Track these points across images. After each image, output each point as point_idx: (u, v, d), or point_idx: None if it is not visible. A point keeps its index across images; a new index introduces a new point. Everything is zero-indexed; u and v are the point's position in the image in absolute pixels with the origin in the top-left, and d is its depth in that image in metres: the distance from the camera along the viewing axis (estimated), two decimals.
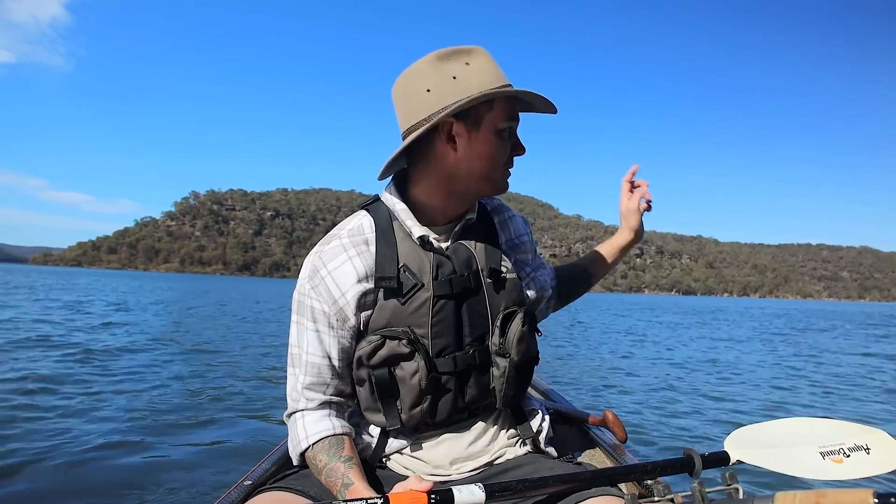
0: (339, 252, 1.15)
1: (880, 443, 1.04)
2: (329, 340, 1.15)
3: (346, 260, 1.14)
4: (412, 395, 1.13)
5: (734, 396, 7.01)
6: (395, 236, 1.17)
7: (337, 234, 1.20)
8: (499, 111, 1.12)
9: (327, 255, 1.16)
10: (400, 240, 1.16)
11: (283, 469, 1.28)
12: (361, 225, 1.20)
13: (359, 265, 1.14)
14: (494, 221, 1.30)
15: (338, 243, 1.17)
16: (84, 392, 5.36)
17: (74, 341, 8.98)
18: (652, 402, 6.37)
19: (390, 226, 1.18)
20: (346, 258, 1.15)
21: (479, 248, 1.19)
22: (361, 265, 1.14)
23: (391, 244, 1.15)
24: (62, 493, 2.96)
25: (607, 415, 1.79)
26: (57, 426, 4.14)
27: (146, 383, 6.01)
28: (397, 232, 1.17)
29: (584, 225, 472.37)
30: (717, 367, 9.95)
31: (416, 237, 1.16)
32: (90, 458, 3.47)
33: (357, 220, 1.21)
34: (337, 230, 1.21)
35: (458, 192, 1.18)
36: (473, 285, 1.16)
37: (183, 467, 3.40)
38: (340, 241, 1.17)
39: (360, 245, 1.16)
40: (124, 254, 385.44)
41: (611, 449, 1.63)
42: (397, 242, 1.16)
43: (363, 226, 1.19)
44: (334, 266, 1.14)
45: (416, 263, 1.14)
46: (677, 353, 12.37)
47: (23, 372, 6.04)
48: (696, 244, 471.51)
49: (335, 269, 1.14)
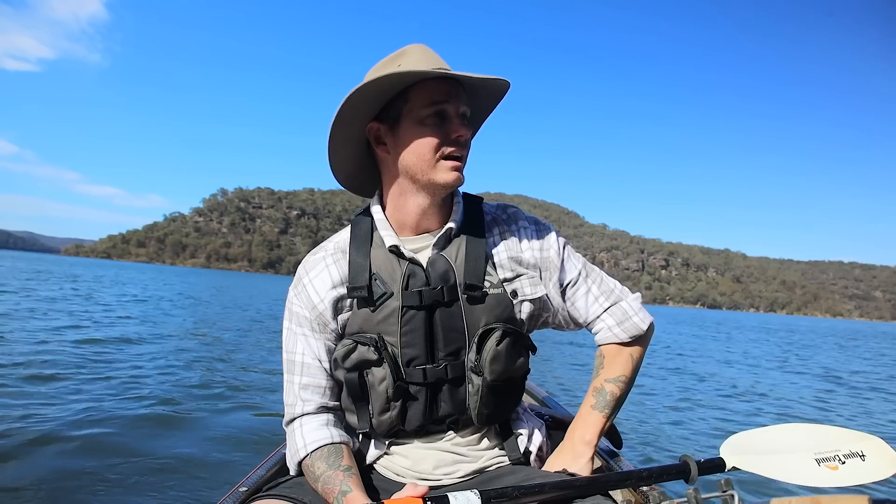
0: (319, 262, 1.20)
1: (876, 450, 1.03)
2: (316, 344, 1.18)
3: (323, 268, 1.19)
4: (380, 402, 1.13)
5: (733, 405, 7.04)
6: (370, 246, 1.18)
7: (324, 245, 1.24)
8: (417, 99, 1.09)
9: (310, 264, 1.21)
10: (375, 248, 1.17)
11: (277, 476, 1.29)
12: (345, 237, 1.23)
13: (334, 273, 1.18)
14: (493, 231, 1.24)
15: (321, 254, 1.22)
16: (89, 379, 5.38)
17: (86, 332, 9.08)
18: (648, 408, 6.34)
19: (369, 236, 1.19)
20: (323, 266, 1.19)
21: (460, 260, 1.15)
22: (337, 273, 1.18)
23: (365, 253, 1.16)
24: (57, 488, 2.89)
25: None
26: (48, 412, 4.12)
27: (148, 375, 6.00)
28: (375, 241, 1.18)
29: (609, 234, 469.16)
30: (719, 377, 9.91)
31: (388, 246, 1.16)
32: (83, 452, 3.40)
33: (343, 233, 1.25)
34: (326, 242, 1.25)
35: (415, 195, 1.16)
36: (447, 299, 1.13)
37: (180, 464, 3.35)
38: (325, 251, 1.22)
39: (338, 254, 1.20)
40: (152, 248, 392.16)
41: (606, 455, 1.60)
42: (372, 251, 1.17)
43: (346, 237, 1.22)
44: (315, 274, 1.19)
45: (388, 272, 1.14)
46: (680, 361, 12.26)
47: (20, 358, 6.06)
48: (724, 257, 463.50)
49: (315, 277, 1.19)
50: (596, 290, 1.27)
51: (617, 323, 1.25)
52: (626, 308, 1.26)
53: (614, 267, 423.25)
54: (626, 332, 1.25)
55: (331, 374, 1.19)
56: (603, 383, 1.25)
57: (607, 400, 1.23)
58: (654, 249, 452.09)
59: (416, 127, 1.10)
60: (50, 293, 17.12)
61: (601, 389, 1.24)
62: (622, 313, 1.25)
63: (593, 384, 1.26)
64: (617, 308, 1.26)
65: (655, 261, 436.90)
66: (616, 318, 1.25)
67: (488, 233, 1.22)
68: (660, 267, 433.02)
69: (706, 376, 9.80)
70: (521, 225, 1.26)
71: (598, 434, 1.22)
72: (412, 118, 1.10)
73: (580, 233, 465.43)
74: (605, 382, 1.24)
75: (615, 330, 1.25)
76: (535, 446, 1.25)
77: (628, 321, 1.25)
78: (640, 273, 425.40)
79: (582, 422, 1.24)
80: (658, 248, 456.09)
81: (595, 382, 1.26)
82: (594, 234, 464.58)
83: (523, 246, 1.23)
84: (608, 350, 1.28)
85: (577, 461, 1.19)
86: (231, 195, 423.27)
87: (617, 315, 1.25)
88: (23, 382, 4.96)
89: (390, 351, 1.12)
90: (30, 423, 3.79)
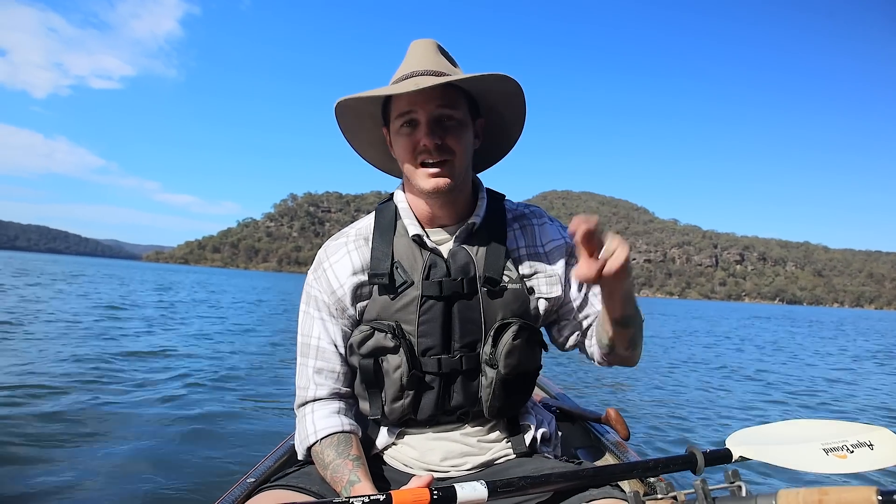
0: (340, 247, 1.21)
1: (884, 439, 1.04)
2: (333, 328, 1.19)
3: (345, 254, 1.20)
4: (394, 389, 1.14)
5: (747, 398, 6.76)
6: (394, 234, 1.19)
7: (346, 231, 1.26)
8: (393, 110, 1.13)
9: (331, 249, 1.22)
10: (399, 237, 1.18)
11: (285, 466, 1.30)
12: (368, 223, 1.24)
13: (356, 259, 1.19)
14: (514, 227, 1.25)
15: (343, 240, 1.23)
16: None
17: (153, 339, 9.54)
18: (655, 399, 6.20)
19: (392, 224, 1.20)
20: (345, 252, 1.20)
21: (480, 253, 1.16)
22: (358, 259, 1.18)
23: (388, 241, 1.17)
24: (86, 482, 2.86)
25: (610, 413, 1.77)
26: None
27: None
28: (399, 230, 1.19)
29: (680, 230, 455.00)
30: (739, 370, 9.45)
31: (411, 235, 1.17)
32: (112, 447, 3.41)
33: (366, 219, 1.26)
34: (348, 228, 1.26)
35: (419, 195, 1.18)
36: (467, 291, 1.14)
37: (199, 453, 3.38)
38: (346, 237, 1.23)
39: (360, 241, 1.21)
40: (227, 253, 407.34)
41: (613, 446, 1.61)
42: (395, 240, 1.18)
43: (369, 224, 1.24)
44: (335, 259, 1.20)
45: (409, 262, 1.15)
46: (704, 354, 11.86)
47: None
48: (803, 251, 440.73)
49: (336, 262, 1.20)
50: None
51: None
52: None
53: (686, 263, 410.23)
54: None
55: (345, 359, 1.20)
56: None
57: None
58: (727, 244, 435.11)
59: (396, 136, 1.15)
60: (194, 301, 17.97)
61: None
62: None
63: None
64: None
65: (730, 256, 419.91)
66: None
67: (509, 229, 1.24)
68: (734, 262, 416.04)
69: (728, 371, 9.23)
70: (539, 221, 1.27)
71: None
72: (393, 128, 1.15)
73: (650, 229, 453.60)
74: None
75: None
76: (543, 439, 1.26)
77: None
78: (714, 269, 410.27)
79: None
80: (732, 242, 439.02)
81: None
82: (664, 230, 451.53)
83: (543, 243, 1.25)
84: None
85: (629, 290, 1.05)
86: (301, 200, 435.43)
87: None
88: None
89: (407, 339, 1.13)
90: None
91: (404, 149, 1.13)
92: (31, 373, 5.21)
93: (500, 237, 1.20)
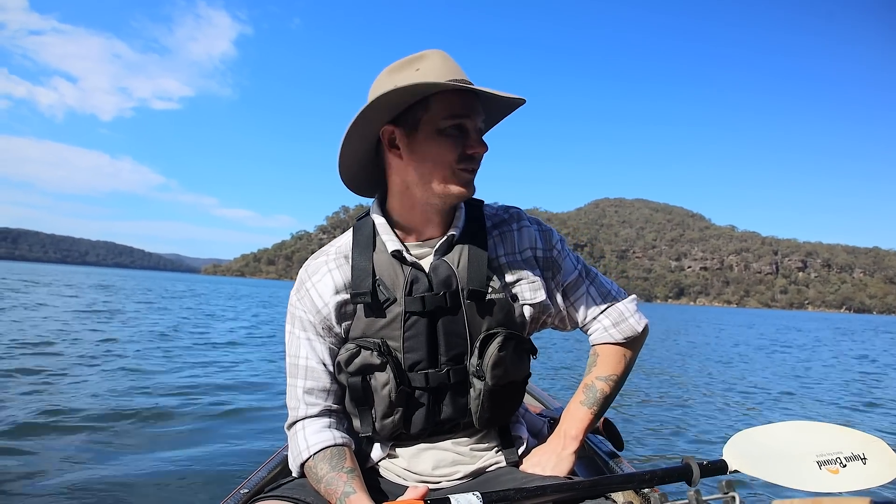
0: (321, 266, 1.19)
1: (878, 453, 1.02)
2: (320, 347, 1.17)
3: (326, 273, 1.18)
4: (383, 406, 1.13)
5: (744, 406, 6.74)
6: (373, 251, 1.17)
7: (326, 249, 1.24)
8: (438, 109, 1.07)
9: (312, 268, 1.20)
10: (378, 254, 1.16)
11: (278, 478, 1.29)
12: (347, 241, 1.22)
13: (337, 278, 1.17)
14: (494, 234, 1.23)
15: (323, 258, 1.21)
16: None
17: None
18: (649, 409, 6.15)
19: (371, 241, 1.18)
20: (326, 271, 1.18)
21: (462, 265, 1.14)
22: (340, 278, 1.17)
23: (367, 258, 1.15)
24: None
25: (603, 422, 1.70)
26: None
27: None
28: (378, 246, 1.17)
29: (738, 236, 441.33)
30: (736, 379, 9.19)
31: (390, 251, 1.15)
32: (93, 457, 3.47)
33: (345, 236, 1.24)
34: (328, 246, 1.25)
35: (424, 203, 1.14)
36: (450, 304, 1.12)
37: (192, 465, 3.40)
38: (326, 255, 1.21)
39: (341, 259, 1.19)
40: (281, 265, 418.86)
41: (607, 457, 1.59)
42: (375, 256, 1.16)
43: (348, 242, 1.22)
44: (318, 279, 1.18)
45: (391, 278, 1.13)
46: (706, 363, 11.45)
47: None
48: (872, 256, 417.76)
49: (318, 281, 1.18)
50: (594, 291, 1.28)
51: (613, 324, 1.26)
52: (622, 309, 1.27)
53: (745, 270, 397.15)
54: (622, 333, 1.26)
55: (334, 377, 1.18)
56: (594, 380, 1.25)
57: (597, 397, 1.23)
58: (789, 250, 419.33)
59: (435, 137, 1.08)
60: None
61: (591, 386, 1.24)
62: (618, 314, 1.27)
63: (584, 381, 1.26)
64: (613, 309, 1.27)
65: (791, 262, 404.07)
66: (612, 319, 1.27)
67: (489, 237, 1.22)
68: (796, 269, 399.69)
69: (724, 378, 8.80)
70: (521, 225, 1.25)
71: (584, 429, 1.21)
72: (431, 127, 1.08)
73: (706, 235, 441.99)
74: (596, 380, 1.25)
75: (611, 331, 1.26)
76: (534, 447, 1.26)
77: (624, 322, 1.26)
78: (774, 276, 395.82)
79: (570, 416, 1.23)
80: (794, 248, 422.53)
81: (586, 379, 1.26)
82: (721, 237, 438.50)
83: (524, 247, 1.23)
84: (602, 349, 1.28)
85: (561, 454, 1.19)
86: (353, 212, 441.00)
87: (613, 316, 1.27)
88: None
89: (394, 356, 1.12)
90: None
91: (446, 151, 1.08)
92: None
93: (481, 246, 1.18)
